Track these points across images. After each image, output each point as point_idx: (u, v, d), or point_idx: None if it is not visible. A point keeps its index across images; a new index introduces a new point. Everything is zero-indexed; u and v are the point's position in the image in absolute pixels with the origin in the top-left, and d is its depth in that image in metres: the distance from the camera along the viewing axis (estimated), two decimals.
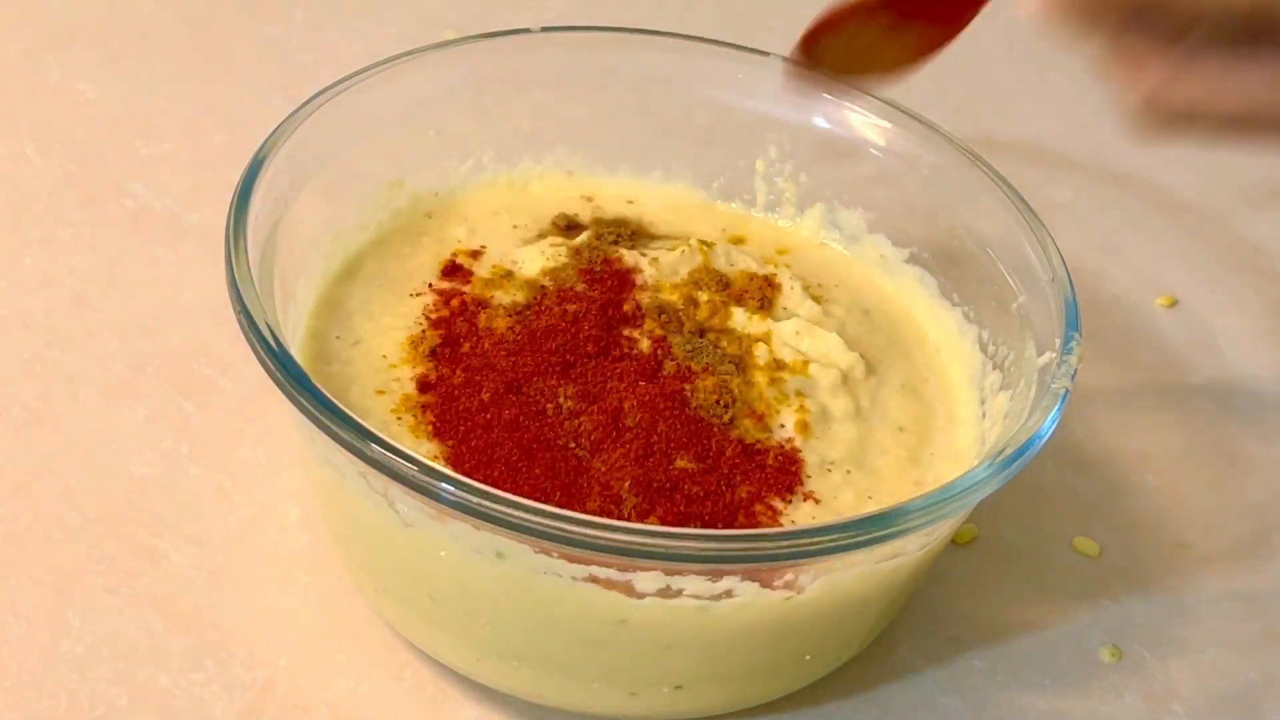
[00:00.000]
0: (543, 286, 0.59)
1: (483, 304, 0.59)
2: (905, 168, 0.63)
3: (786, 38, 0.66)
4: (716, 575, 0.47)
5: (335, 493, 0.51)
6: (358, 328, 0.58)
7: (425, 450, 0.52)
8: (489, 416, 0.53)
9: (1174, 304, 0.76)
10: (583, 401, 0.54)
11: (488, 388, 0.54)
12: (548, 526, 0.44)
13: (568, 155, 0.67)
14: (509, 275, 0.60)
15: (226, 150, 0.75)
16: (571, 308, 0.58)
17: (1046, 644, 0.60)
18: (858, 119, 0.64)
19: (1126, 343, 0.74)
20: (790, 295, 0.61)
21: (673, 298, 0.60)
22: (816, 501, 0.53)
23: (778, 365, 0.57)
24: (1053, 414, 0.51)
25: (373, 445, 0.46)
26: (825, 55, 0.58)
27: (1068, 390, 0.52)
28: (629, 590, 0.47)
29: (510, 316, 0.58)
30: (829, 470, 0.55)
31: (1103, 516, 0.65)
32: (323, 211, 0.59)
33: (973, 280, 0.61)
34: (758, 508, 0.52)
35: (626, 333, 0.58)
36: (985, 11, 0.54)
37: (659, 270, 0.61)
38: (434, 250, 0.62)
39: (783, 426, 0.55)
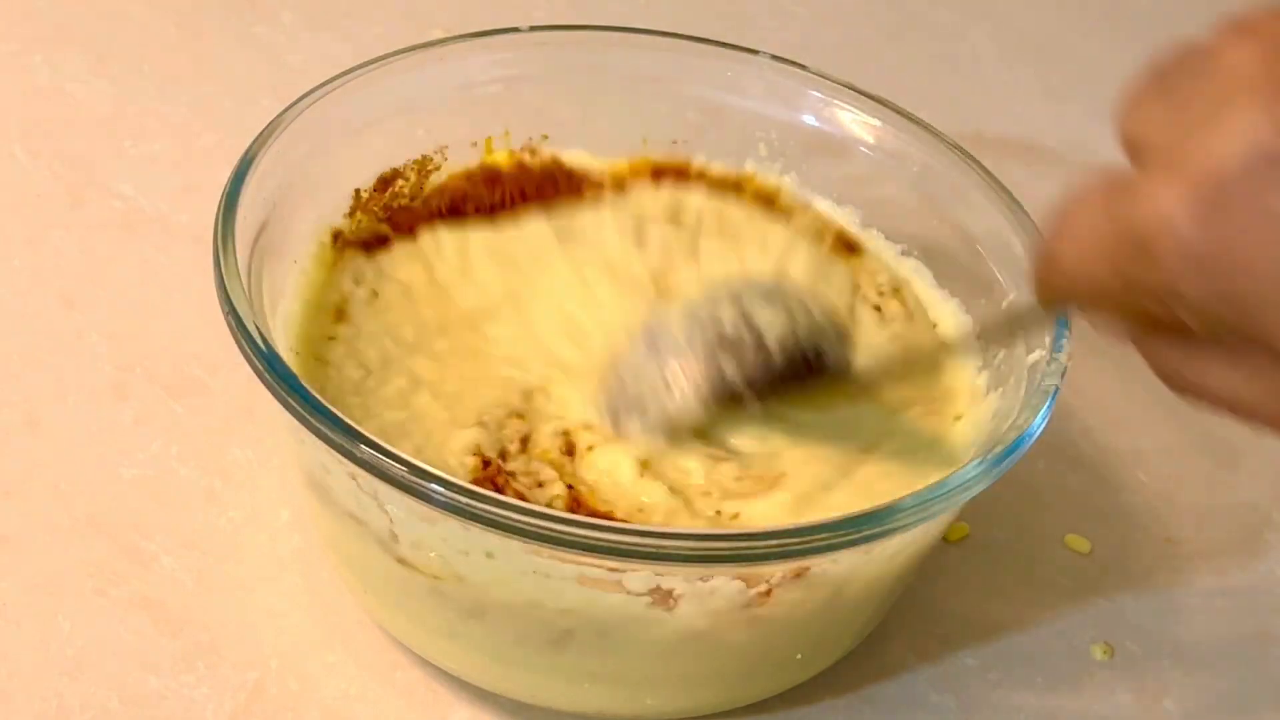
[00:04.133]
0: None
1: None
2: (894, 165, 0.63)
3: (776, 36, 0.66)
4: (706, 575, 0.47)
5: (325, 494, 0.51)
6: (347, 329, 0.58)
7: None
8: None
9: None
10: None
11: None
12: (536, 526, 0.44)
13: (557, 153, 0.66)
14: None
15: (215, 150, 0.75)
16: None
17: (1038, 641, 0.60)
18: (847, 116, 0.64)
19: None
20: None
21: None
22: None
23: None
24: (1043, 411, 0.51)
25: (361, 446, 0.45)
26: None
27: (1058, 388, 0.52)
28: (618, 590, 0.47)
29: None
30: None
31: (1094, 513, 0.65)
32: (312, 212, 0.59)
33: (963, 277, 0.61)
34: None
35: None
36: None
37: None
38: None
39: None
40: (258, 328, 0.49)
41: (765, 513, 0.51)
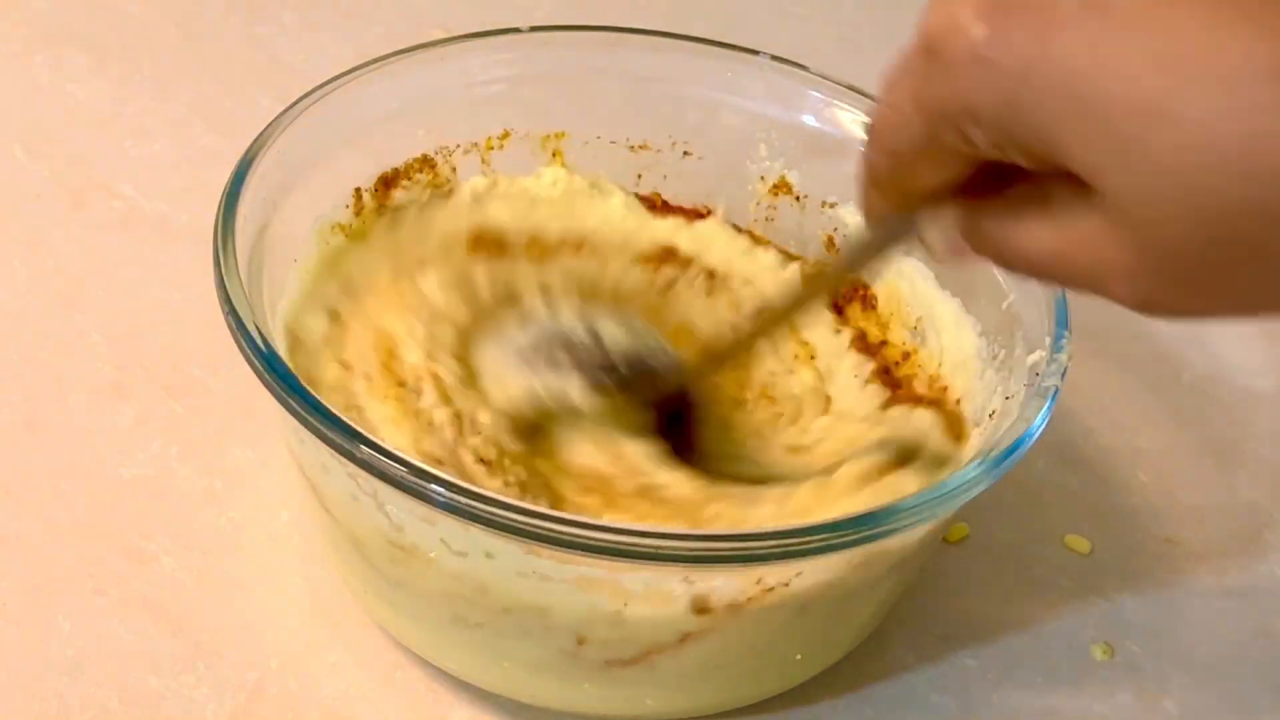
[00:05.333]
0: None
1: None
2: None
3: (776, 36, 0.66)
4: (705, 575, 0.47)
5: (325, 494, 0.51)
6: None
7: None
8: None
9: None
10: None
11: None
12: (535, 527, 0.44)
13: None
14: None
15: (215, 151, 0.75)
16: None
17: (1038, 642, 0.60)
18: (847, 116, 0.64)
19: (1117, 339, 0.74)
20: None
21: None
22: None
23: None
24: (1043, 412, 0.51)
25: (361, 446, 0.45)
26: None
27: (1058, 388, 0.52)
28: (617, 590, 0.47)
29: None
30: None
31: (1094, 513, 0.65)
32: (312, 212, 0.59)
33: (964, 277, 0.61)
34: None
35: None
36: None
37: None
38: None
39: None
40: (258, 328, 0.49)
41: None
